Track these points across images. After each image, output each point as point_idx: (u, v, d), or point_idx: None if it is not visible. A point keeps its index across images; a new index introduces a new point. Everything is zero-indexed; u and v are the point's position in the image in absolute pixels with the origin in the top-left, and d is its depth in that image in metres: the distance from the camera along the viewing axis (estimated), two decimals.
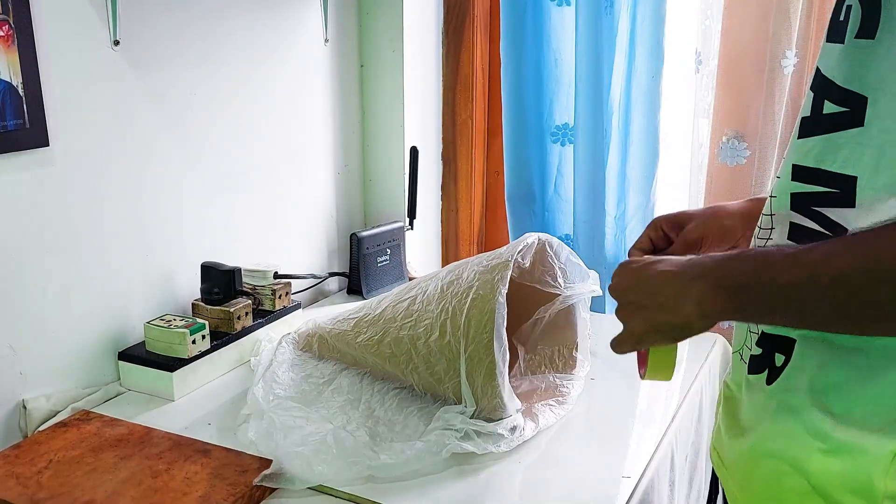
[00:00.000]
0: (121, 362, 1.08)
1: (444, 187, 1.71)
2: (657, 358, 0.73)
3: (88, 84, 1.01)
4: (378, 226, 1.50)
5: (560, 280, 1.04)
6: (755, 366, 0.69)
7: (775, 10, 1.28)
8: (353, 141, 1.55)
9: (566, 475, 0.88)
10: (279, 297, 1.23)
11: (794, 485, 0.64)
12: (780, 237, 0.66)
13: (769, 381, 0.67)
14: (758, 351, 0.69)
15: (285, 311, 1.24)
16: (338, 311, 1.18)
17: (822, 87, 0.62)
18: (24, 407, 0.98)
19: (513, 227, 1.62)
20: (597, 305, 1.37)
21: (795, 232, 0.65)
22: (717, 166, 1.40)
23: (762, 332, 0.69)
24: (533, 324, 1.08)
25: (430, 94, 1.62)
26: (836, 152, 0.61)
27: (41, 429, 0.96)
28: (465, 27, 1.61)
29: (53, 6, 0.95)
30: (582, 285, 1.06)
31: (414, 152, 1.51)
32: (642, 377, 0.75)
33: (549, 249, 1.05)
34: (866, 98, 0.59)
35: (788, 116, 1.31)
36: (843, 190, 0.61)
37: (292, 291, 1.27)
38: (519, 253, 0.98)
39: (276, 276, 1.23)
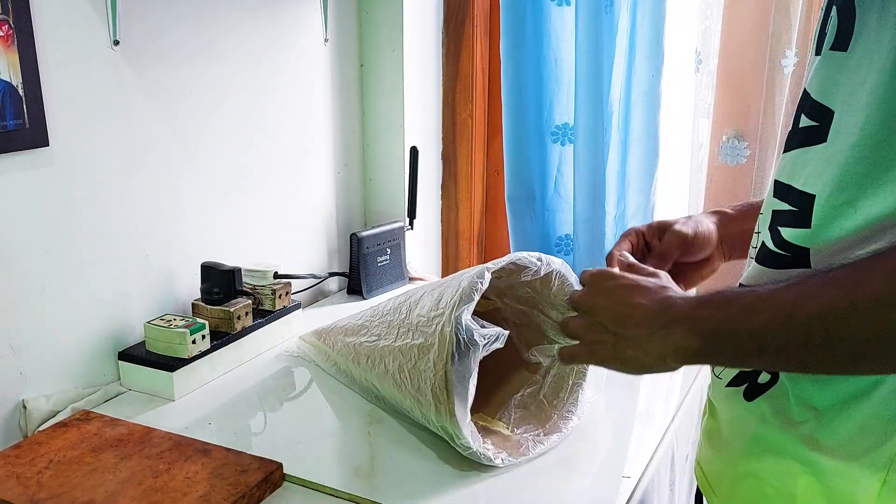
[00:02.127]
0: (121, 362, 1.08)
1: (444, 187, 1.71)
2: None
3: (88, 84, 1.01)
4: (378, 226, 1.50)
5: None
6: (735, 379, 0.69)
7: (775, 9, 1.28)
8: (353, 141, 1.55)
9: (566, 475, 0.88)
10: (279, 297, 1.23)
11: None
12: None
13: (749, 398, 0.66)
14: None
15: (285, 311, 1.24)
16: (338, 312, 1.17)
17: (802, 99, 0.61)
18: (24, 407, 0.98)
19: (513, 227, 1.62)
20: None
21: (763, 252, 0.64)
22: (717, 166, 1.40)
23: None
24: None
25: (430, 94, 1.62)
26: (803, 168, 0.60)
27: (41, 429, 0.96)
28: (465, 27, 1.61)
29: (53, 6, 0.95)
30: None
31: (414, 152, 1.51)
32: None
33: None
34: (833, 112, 0.57)
35: (788, 116, 1.31)
36: (802, 209, 0.60)
37: (292, 291, 1.27)
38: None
39: (276, 276, 1.23)
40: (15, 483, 0.82)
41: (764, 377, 0.65)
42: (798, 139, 0.61)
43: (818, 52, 0.60)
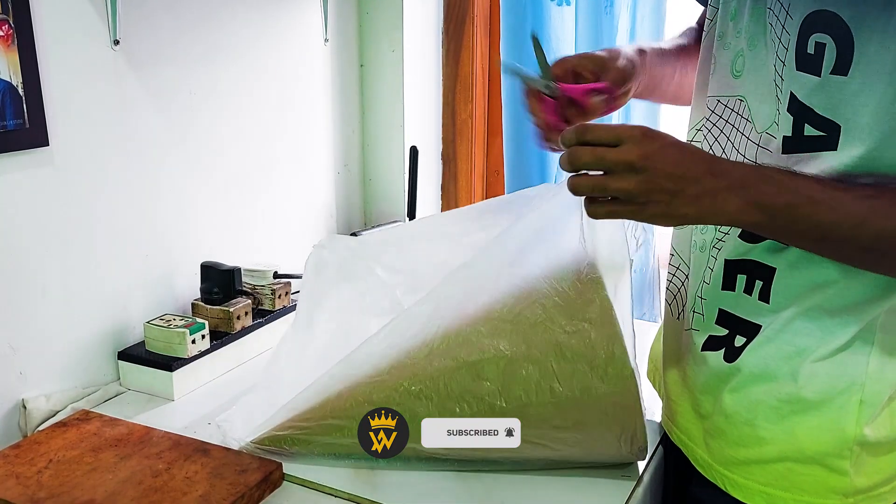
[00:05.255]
0: (120, 362, 1.08)
1: (444, 187, 1.71)
2: None
3: (88, 84, 1.01)
4: (378, 226, 1.50)
5: None
6: (712, 344, 0.79)
7: None
8: (353, 141, 1.55)
9: (566, 475, 0.88)
10: (279, 297, 1.23)
11: (774, 440, 0.75)
12: None
13: (729, 359, 0.77)
14: (722, 332, 0.78)
15: (285, 311, 1.24)
16: None
17: (801, 112, 0.68)
18: (24, 407, 0.98)
19: None
20: None
21: None
22: None
23: (721, 312, 0.78)
24: None
25: (430, 94, 1.62)
26: (807, 167, 0.69)
27: (41, 428, 0.96)
28: (465, 27, 1.61)
29: (53, 6, 0.95)
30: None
31: (414, 152, 1.51)
32: None
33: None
34: (840, 126, 0.66)
35: None
36: None
37: (292, 291, 1.27)
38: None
39: (276, 275, 1.23)
40: (14, 483, 0.82)
41: (739, 340, 0.76)
42: (804, 145, 0.69)
43: (808, 71, 0.67)
